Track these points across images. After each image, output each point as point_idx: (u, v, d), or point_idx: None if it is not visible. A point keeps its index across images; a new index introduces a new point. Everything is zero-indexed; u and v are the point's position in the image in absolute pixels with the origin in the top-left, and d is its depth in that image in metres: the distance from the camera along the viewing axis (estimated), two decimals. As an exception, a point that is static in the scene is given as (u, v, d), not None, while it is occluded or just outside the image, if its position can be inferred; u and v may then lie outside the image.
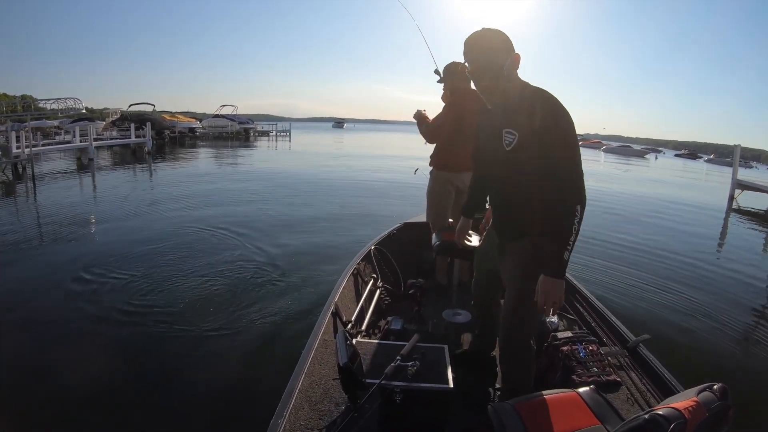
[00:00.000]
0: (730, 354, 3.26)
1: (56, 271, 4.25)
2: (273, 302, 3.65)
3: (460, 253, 2.55)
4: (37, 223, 6.47)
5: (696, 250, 6.39)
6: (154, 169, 13.33)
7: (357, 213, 7.64)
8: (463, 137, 2.94)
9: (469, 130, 2.95)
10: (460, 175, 3.03)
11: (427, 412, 1.45)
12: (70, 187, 9.53)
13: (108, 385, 2.51)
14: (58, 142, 16.02)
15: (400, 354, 1.54)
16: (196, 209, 7.37)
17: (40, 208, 7.35)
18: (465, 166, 3.05)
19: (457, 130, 2.89)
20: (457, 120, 2.87)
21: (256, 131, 35.72)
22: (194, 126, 29.52)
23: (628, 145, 54.77)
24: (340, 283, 2.43)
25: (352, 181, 11.78)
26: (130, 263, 4.56)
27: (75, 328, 3.19)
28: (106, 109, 28.27)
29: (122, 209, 7.30)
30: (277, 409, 1.43)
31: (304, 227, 6.41)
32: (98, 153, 17.43)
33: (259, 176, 12.01)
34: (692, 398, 0.87)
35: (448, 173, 3.00)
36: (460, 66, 2.92)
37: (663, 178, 21.19)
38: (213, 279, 4.16)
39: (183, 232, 5.84)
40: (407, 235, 3.54)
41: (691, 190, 16.26)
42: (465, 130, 2.93)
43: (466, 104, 2.90)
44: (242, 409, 2.32)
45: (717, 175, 25.36)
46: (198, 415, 2.29)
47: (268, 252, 5.07)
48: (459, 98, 2.90)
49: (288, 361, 2.59)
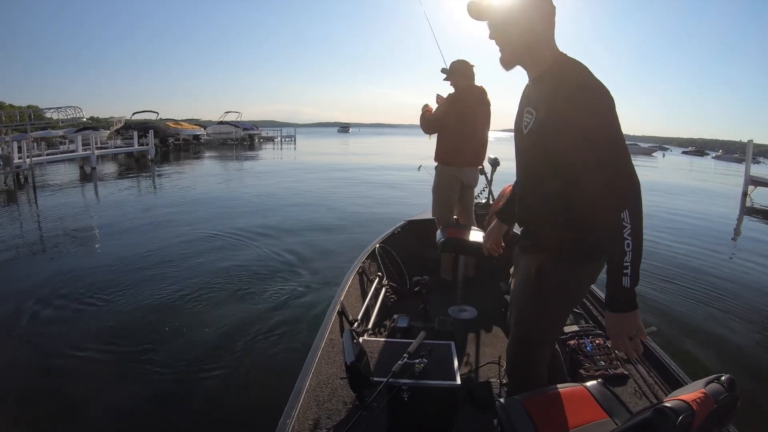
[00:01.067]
0: (737, 346, 3.25)
1: (44, 286, 4.03)
2: (279, 303, 3.67)
3: (464, 249, 2.55)
4: (37, 233, 6.50)
5: (705, 244, 6.35)
6: (157, 176, 13.27)
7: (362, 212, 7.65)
8: (467, 133, 2.95)
9: (472, 125, 2.96)
10: (465, 170, 3.03)
11: (435, 409, 1.45)
12: (71, 196, 9.48)
13: (115, 386, 2.54)
14: (62, 152, 16.04)
15: (407, 351, 1.54)
16: (197, 214, 7.41)
17: (41, 217, 7.35)
18: (469, 161, 3.06)
19: (461, 125, 2.91)
20: (460, 115, 2.88)
21: (261, 137, 35.70)
22: (198, 133, 29.55)
23: (635, 143, 53.61)
24: (345, 283, 2.43)
25: (356, 181, 11.79)
26: (132, 265, 4.59)
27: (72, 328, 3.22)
28: (111, 118, 28.33)
29: (120, 217, 7.25)
30: (286, 409, 1.44)
31: (309, 229, 6.43)
32: (102, 162, 17.52)
33: (263, 183, 12.04)
34: (700, 390, 0.86)
35: (453, 168, 3.02)
36: (465, 64, 2.93)
37: (672, 174, 20.91)
38: (218, 281, 4.18)
39: (186, 237, 5.88)
40: (411, 232, 3.54)
41: (702, 185, 16.09)
42: (468, 125, 2.94)
43: (468, 100, 2.91)
44: (251, 409, 2.34)
45: (726, 172, 25.05)
46: (207, 415, 2.31)
47: (273, 254, 5.10)
48: (461, 94, 2.91)
49: (295, 361, 2.61)
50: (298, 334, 3.11)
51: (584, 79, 1.08)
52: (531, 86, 1.22)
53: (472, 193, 3.22)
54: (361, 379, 1.34)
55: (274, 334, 3.13)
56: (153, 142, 17.96)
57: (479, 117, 2.96)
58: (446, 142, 3.01)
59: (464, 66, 2.93)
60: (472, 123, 2.93)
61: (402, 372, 1.44)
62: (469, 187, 3.14)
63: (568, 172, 1.10)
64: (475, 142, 3.00)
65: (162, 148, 23.91)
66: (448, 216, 3.08)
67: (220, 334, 3.12)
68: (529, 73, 1.22)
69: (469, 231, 2.74)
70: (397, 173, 13.53)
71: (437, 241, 2.47)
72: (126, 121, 26.00)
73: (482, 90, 2.98)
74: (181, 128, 28.24)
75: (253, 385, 2.54)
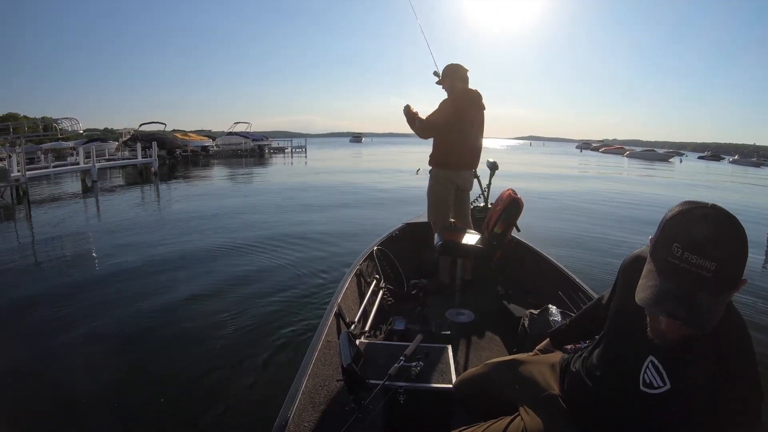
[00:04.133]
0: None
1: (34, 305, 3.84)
2: (276, 305, 3.66)
3: (462, 253, 2.55)
4: (31, 246, 6.41)
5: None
6: (157, 190, 13.01)
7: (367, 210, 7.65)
8: (463, 136, 2.95)
9: (468, 128, 2.97)
10: (460, 173, 3.03)
11: (431, 412, 1.45)
12: (69, 210, 9.08)
13: (111, 388, 2.53)
14: (64, 164, 15.76)
15: (404, 354, 1.54)
16: (199, 221, 7.40)
17: (34, 231, 7.14)
18: (464, 164, 3.06)
19: (457, 128, 2.91)
20: (457, 118, 2.88)
21: (271, 148, 35.16)
22: (207, 144, 29.01)
23: (652, 149, 52.89)
24: (343, 284, 2.43)
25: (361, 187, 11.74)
26: (134, 268, 4.58)
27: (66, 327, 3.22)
28: (121, 130, 28.13)
29: (119, 230, 6.92)
30: (281, 411, 1.43)
31: (309, 234, 6.43)
32: (109, 173, 17.32)
33: (268, 190, 11.94)
34: None
35: (448, 171, 3.01)
36: (459, 67, 2.94)
37: (691, 180, 20.31)
38: (213, 283, 4.20)
39: (187, 243, 5.89)
40: (409, 235, 3.54)
41: (725, 191, 15.56)
42: (464, 128, 2.94)
43: (465, 102, 2.92)
44: (247, 410, 2.33)
45: (745, 176, 24.57)
46: (203, 416, 2.30)
47: (269, 257, 5.11)
48: (459, 96, 2.91)
49: (292, 363, 2.62)
50: (294, 335, 3.10)
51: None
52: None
53: (467, 196, 3.22)
54: (358, 382, 1.33)
55: (271, 335, 3.12)
56: (156, 154, 17.43)
57: (476, 120, 2.96)
58: (442, 146, 2.99)
59: (459, 69, 2.94)
60: (468, 126, 2.94)
61: (398, 375, 1.44)
62: (464, 190, 3.14)
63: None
64: (471, 146, 3.00)
65: (169, 159, 23.50)
66: (444, 219, 3.08)
67: (215, 337, 3.11)
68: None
69: (467, 234, 2.75)
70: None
71: (435, 244, 2.47)
72: (135, 132, 25.57)
73: (478, 94, 2.98)
74: (189, 139, 27.72)
75: (249, 387, 2.53)
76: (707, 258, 0.72)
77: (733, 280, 0.73)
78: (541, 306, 2.16)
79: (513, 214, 2.43)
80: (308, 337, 1.95)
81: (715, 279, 0.72)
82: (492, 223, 2.53)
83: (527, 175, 17.93)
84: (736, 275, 0.73)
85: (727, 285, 0.73)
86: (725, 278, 0.72)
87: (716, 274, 0.72)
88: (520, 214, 2.46)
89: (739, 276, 0.74)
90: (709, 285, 0.72)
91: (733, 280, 0.73)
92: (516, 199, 2.43)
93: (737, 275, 0.74)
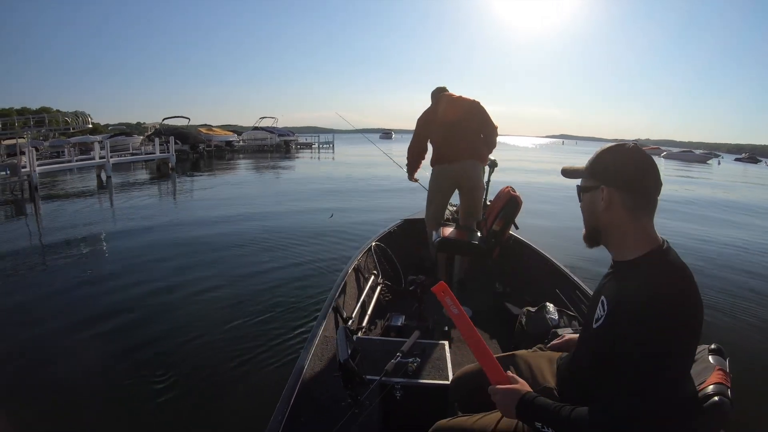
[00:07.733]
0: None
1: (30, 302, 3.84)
2: (274, 299, 3.65)
3: (460, 250, 2.55)
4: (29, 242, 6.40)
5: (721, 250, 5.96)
6: (173, 186, 12.73)
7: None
8: (440, 133, 3.04)
9: (450, 124, 3.00)
10: (453, 165, 3.04)
11: (428, 408, 1.45)
12: (76, 206, 8.94)
13: (106, 382, 2.53)
14: (85, 159, 15.33)
15: (401, 350, 1.54)
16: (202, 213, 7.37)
17: (40, 228, 7.06)
18: (454, 155, 3.04)
19: (433, 130, 3.08)
20: (425, 125, 3.12)
21: (298, 143, 34.48)
22: (231, 139, 28.49)
23: (689, 150, 50.15)
24: (341, 280, 2.43)
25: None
26: (134, 267, 4.57)
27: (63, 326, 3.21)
28: (145, 124, 27.65)
29: (119, 228, 6.84)
30: (278, 406, 1.43)
31: (310, 232, 6.42)
32: (132, 167, 17.12)
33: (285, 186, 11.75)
34: (716, 367, 0.92)
35: (443, 165, 3.07)
36: (436, 89, 3.21)
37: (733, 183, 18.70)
38: (208, 277, 4.18)
39: (190, 240, 5.89)
40: (408, 231, 3.54)
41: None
42: (440, 128, 3.05)
43: (431, 113, 3.13)
44: (243, 405, 2.32)
45: None
46: (198, 411, 2.30)
47: (269, 253, 5.10)
48: (427, 110, 3.17)
49: (289, 358, 2.62)
50: (292, 330, 3.09)
51: (650, 296, 0.83)
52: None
53: (475, 195, 3.10)
54: (354, 377, 1.33)
55: (268, 329, 3.11)
56: (173, 149, 17.00)
57: (455, 117, 3.01)
58: (433, 147, 3.14)
59: (435, 91, 3.22)
60: (450, 122, 3.01)
61: (395, 371, 1.44)
62: (469, 187, 3.07)
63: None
64: (458, 138, 3.00)
65: (192, 154, 23.00)
66: (436, 215, 3.08)
67: (211, 331, 3.10)
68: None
69: (465, 231, 2.75)
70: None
71: (433, 240, 2.47)
72: (159, 126, 25.00)
73: (456, 97, 3.11)
74: (214, 134, 27.40)
75: (245, 381, 2.53)
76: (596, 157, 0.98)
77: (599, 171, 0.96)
78: (538, 304, 2.17)
79: (511, 211, 2.43)
80: (305, 332, 1.94)
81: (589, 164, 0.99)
82: (490, 220, 2.53)
83: (556, 171, 17.48)
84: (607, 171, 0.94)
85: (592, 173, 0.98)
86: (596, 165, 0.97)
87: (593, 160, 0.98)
88: (519, 211, 2.46)
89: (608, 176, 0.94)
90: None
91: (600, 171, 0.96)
92: (515, 196, 2.43)
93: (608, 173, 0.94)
